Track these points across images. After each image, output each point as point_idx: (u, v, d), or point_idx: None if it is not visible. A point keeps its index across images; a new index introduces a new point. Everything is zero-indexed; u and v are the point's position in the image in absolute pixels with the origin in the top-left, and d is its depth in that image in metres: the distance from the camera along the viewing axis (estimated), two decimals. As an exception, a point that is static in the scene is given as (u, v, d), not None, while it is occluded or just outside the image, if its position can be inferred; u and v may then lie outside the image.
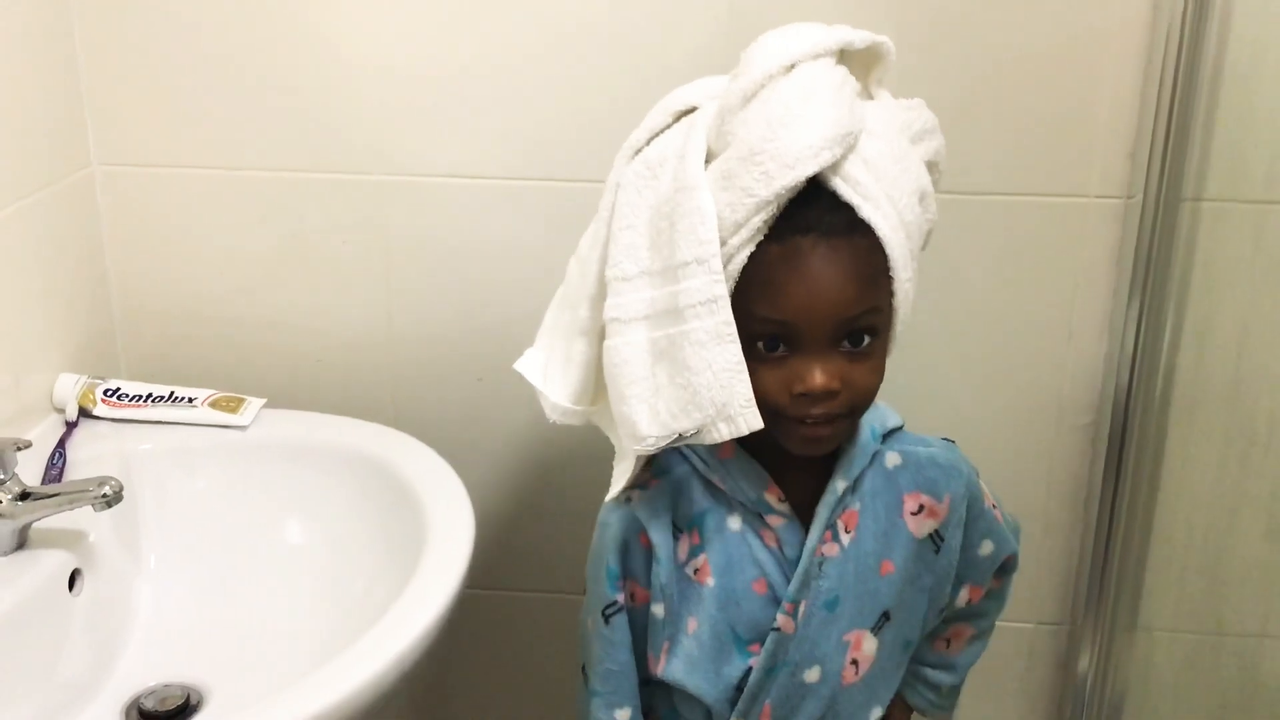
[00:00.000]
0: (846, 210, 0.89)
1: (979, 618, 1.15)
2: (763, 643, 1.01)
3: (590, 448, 1.41)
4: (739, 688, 1.01)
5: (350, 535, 1.21)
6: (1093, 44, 1.25)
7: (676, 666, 1.02)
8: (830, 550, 1.00)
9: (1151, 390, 1.34)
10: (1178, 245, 1.29)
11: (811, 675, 1.02)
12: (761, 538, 1.00)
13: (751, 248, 0.89)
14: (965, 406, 1.39)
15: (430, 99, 1.31)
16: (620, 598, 1.03)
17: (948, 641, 1.15)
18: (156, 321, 1.43)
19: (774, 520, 1.00)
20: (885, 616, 1.03)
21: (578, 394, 1.01)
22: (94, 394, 1.30)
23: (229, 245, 1.39)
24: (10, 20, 1.21)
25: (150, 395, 1.31)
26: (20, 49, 1.23)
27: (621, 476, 1.01)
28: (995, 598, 1.15)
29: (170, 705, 1.10)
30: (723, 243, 0.88)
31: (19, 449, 1.04)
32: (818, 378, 0.89)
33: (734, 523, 1.01)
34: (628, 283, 0.93)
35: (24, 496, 1.05)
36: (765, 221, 0.88)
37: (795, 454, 0.95)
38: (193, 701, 1.11)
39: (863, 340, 0.91)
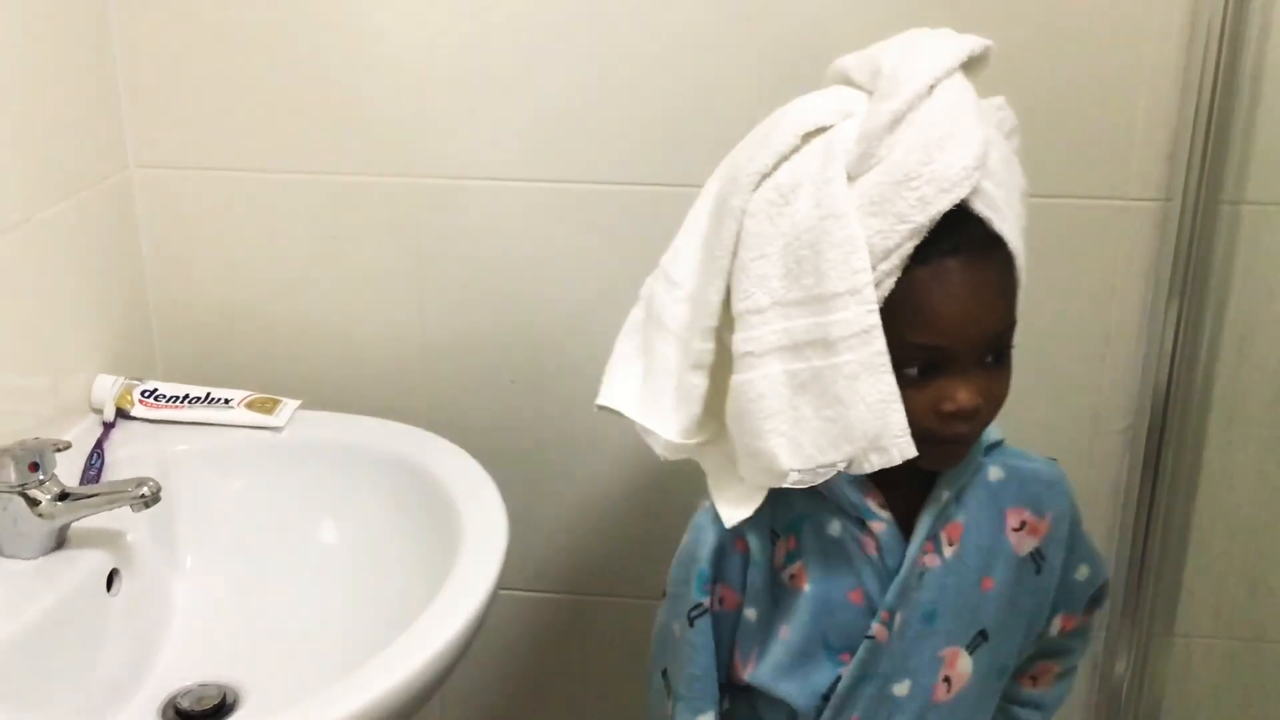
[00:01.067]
0: (981, 225, 0.88)
1: (1065, 654, 1.12)
2: (854, 652, 0.98)
3: (622, 452, 1.42)
4: (826, 696, 0.99)
5: (384, 536, 1.21)
6: (1130, 44, 1.24)
7: (765, 671, 1.00)
8: (931, 561, 0.98)
9: (1190, 394, 1.33)
10: (1217, 248, 1.28)
11: (901, 689, 0.99)
12: (861, 545, 0.98)
13: (899, 273, 0.87)
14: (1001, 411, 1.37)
15: (465, 102, 1.32)
16: (706, 601, 1.01)
17: (1034, 679, 1.12)
18: (193, 323, 1.44)
19: (876, 526, 0.97)
20: (982, 635, 1.00)
21: (690, 430, 0.99)
22: (132, 395, 1.31)
23: (265, 247, 1.40)
24: (50, 24, 1.22)
25: (187, 396, 1.31)
26: (60, 52, 1.25)
27: (741, 505, 0.98)
28: (1081, 635, 1.11)
29: (206, 705, 1.10)
30: (885, 258, 0.87)
31: (58, 450, 1.05)
32: (968, 397, 0.89)
33: (833, 529, 0.99)
34: (759, 315, 0.90)
35: (63, 497, 1.05)
36: (915, 246, 0.87)
37: (918, 467, 0.91)
38: (229, 701, 1.11)
39: (1003, 354, 0.92)
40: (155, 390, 1.32)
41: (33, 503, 1.04)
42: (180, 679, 1.13)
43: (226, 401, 1.31)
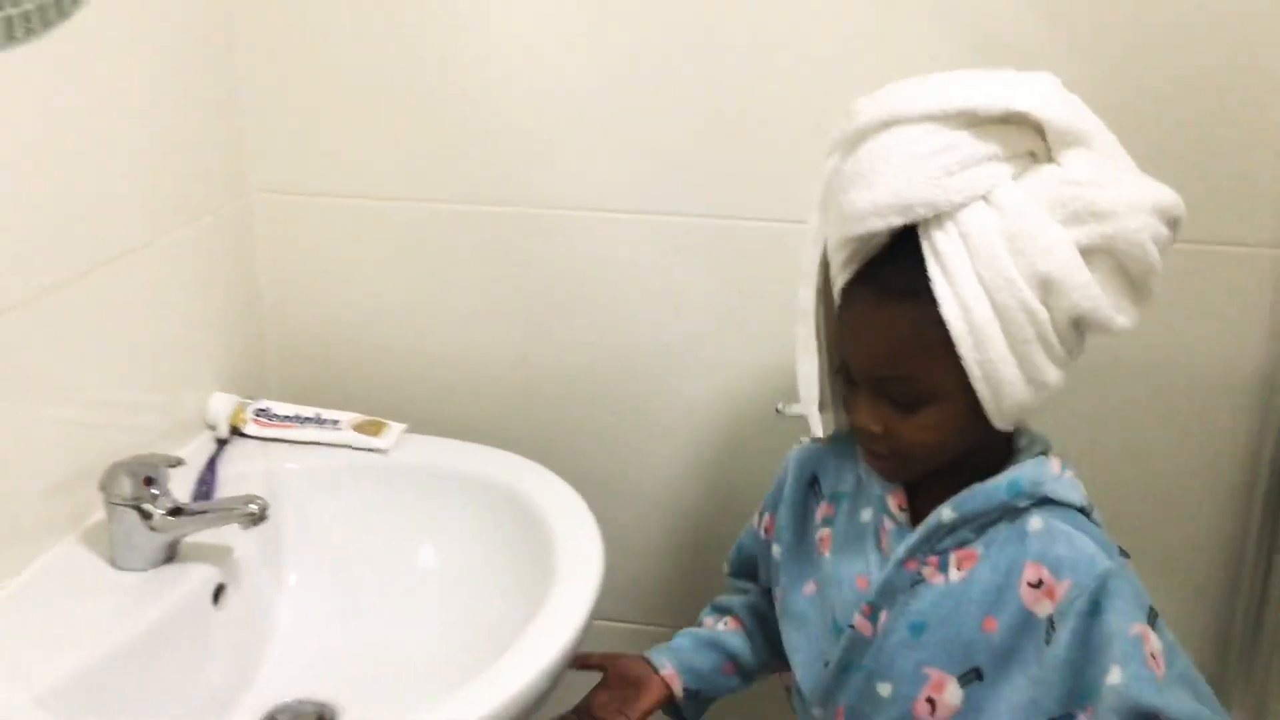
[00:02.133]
0: (920, 275, 0.92)
1: None
2: None
3: (724, 485, 1.42)
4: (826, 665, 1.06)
5: (482, 562, 1.23)
6: (1256, 89, 1.20)
7: (790, 618, 1.10)
8: (934, 578, 1.00)
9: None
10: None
11: (884, 689, 1.01)
12: (878, 537, 1.04)
13: (844, 279, 0.98)
14: (1115, 460, 1.34)
15: (576, 135, 1.33)
16: (757, 520, 1.18)
17: None
18: (306, 345, 1.48)
19: (888, 525, 1.03)
20: (977, 674, 0.99)
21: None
22: (245, 413, 1.34)
23: (377, 273, 1.43)
24: (177, 55, 1.27)
25: (297, 416, 1.35)
26: (186, 81, 1.29)
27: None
28: None
29: (305, 720, 1.13)
30: (831, 263, 0.99)
31: (171, 466, 1.09)
32: (861, 418, 0.99)
33: (866, 514, 1.06)
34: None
35: (175, 512, 1.09)
36: (848, 259, 0.97)
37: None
38: (326, 717, 1.13)
39: (908, 400, 0.96)
40: (267, 409, 1.35)
41: (146, 516, 1.08)
42: (279, 695, 1.15)
43: (335, 423, 1.34)
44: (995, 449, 1.01)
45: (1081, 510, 0.99)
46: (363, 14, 1.34)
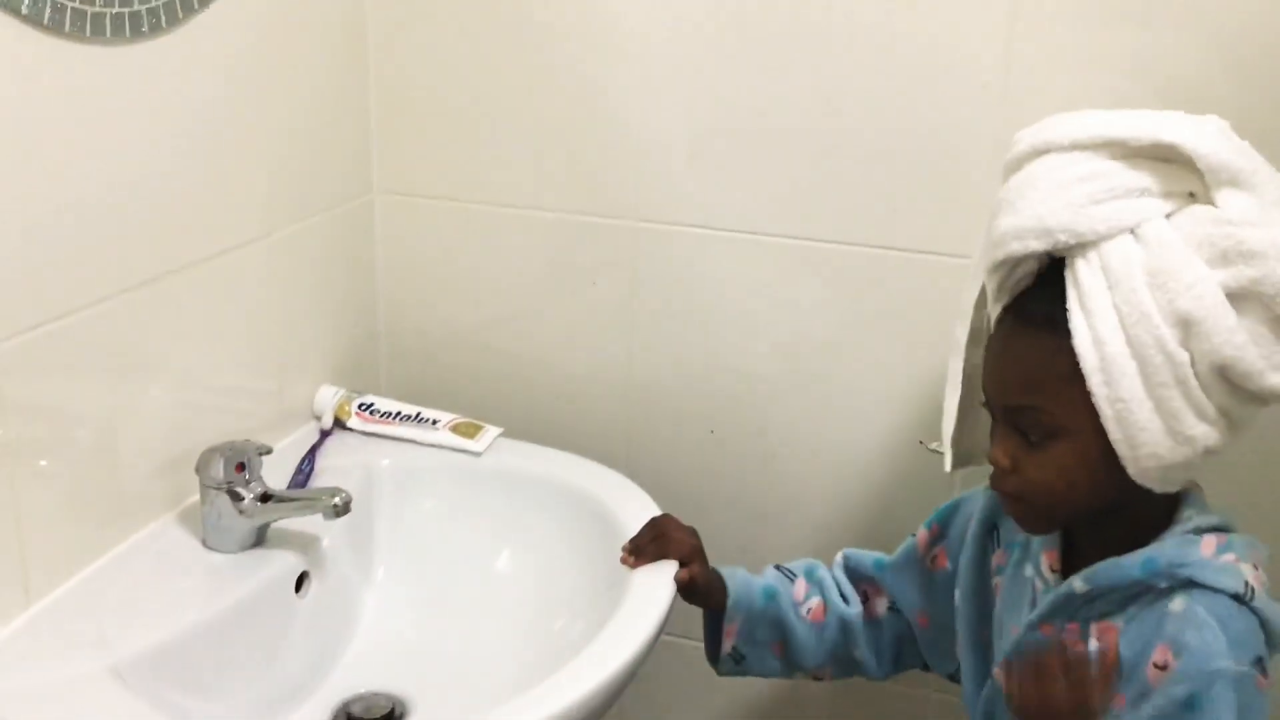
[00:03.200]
0: (1060, 305, 0.91)
1: None
2: None
3: (813, 516, 1.39)
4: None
5: (559, 570, 1.23)
6: None
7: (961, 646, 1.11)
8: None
9: None
10: None
11: None
12: (1033, 593, 1.02)
13: (996, 310, 0.98)
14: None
15: (689, 152, 1.32)
16: (925, 534, 1.16)
17: None
18: (417, 343, 1.50)
19: (1038, 584, 1.02)
20: None
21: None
22: (349, 406, 1.37)
23: (492, 278, 1.45)
24: (313, 53, 1.31)
25: (399, 413, 1.37)
26: (319, 80, 1.33)
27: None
28: None
29: (376, 713, 1.14)
30: (987, 295, 1.00)
31: (262, 454, 1.12)
32: (996, 453, 0.97)
33: (1028, 569, 1.04)
34: None
35: (265, 498, 1.12)
36: (998, 289, 0.97)
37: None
38: (397, 713, 1.15)
39: (1038, 434, 0.94)
40: (371, 405, 1.38)
41: (236, 499, 1.11)
42: (355, 685, 1.17)
43: (434, 422, 1.36)
44: (1154, 516, 0.96)
45: (1236, 598, 0.91)
46: (494, 23, 1.36)
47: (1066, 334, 0.90)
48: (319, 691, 1.15)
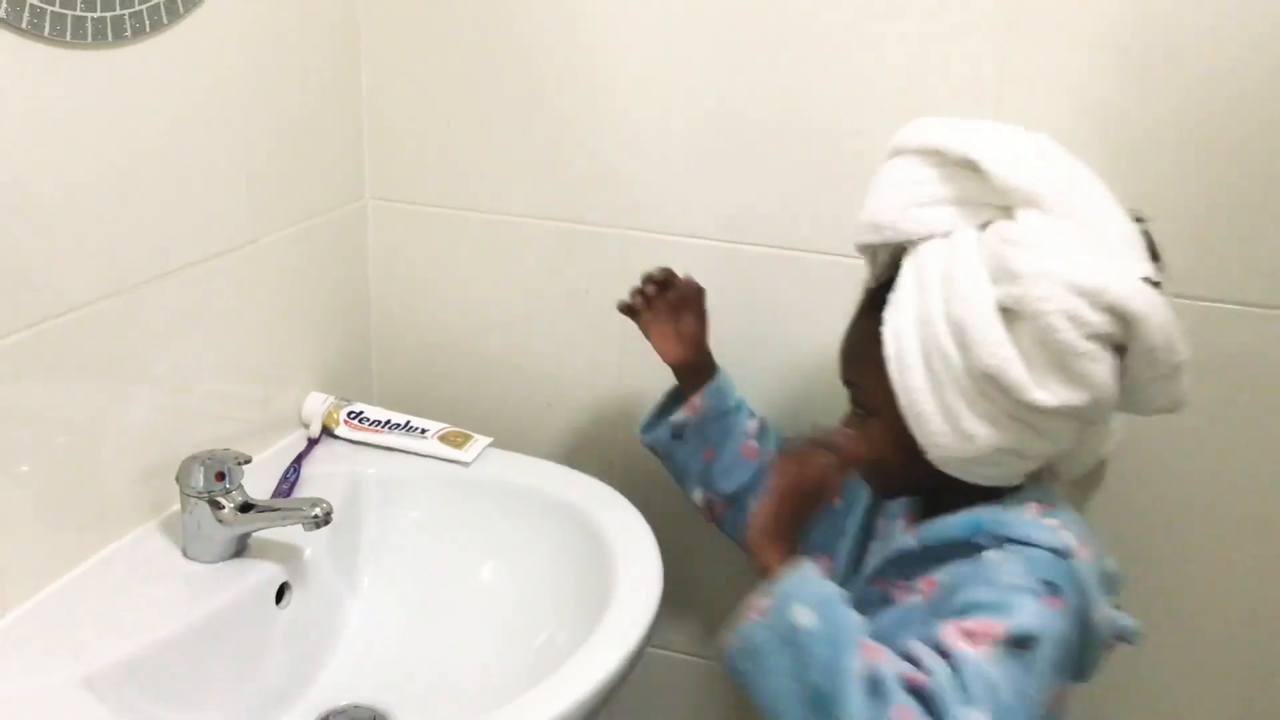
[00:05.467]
0: (885, 289, 1.00)
1: None
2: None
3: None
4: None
5: (543, 582, 1.22)
6: None
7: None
8: (901, 599, 1.03)
9: None
10: None
11: None
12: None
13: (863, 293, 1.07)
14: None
15: (681, 161, 1.31)
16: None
17: None
18: (408, 351, 1.49)
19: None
20: None
21: None
22: (338, 415, 1.36)
23: (484, 286, 1.44)
24: (304, 57, 1.30)
25: (389, 422, 1.36)
26: (311, 84, 1.32)
27: None
28: None
29: (356, 726, 1.13)
30: None
31: (240, 463, 1.10)
32: (840, 423, 1.07)
33: (895, 530, 1.11)
34: None
35: (246, 508, 1.11)
36: (868, 273, 1.06)
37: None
38: (378, 725, 1.14)
39: (860, 407, 1.05)
40: (360, 413, 1.37)
41: (216, 508, 1.10)
42: (336, 697, 1.16)
43: (423, 431, 1.35)
44: (999, 491, 1.02)
45: (1054, 552, 0.96)
46: (487, 30, 1.34)
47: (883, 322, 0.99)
48: (300, 703, 1.14)
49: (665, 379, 1.35)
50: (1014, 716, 0.90)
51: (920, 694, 0.89)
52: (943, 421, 0.96)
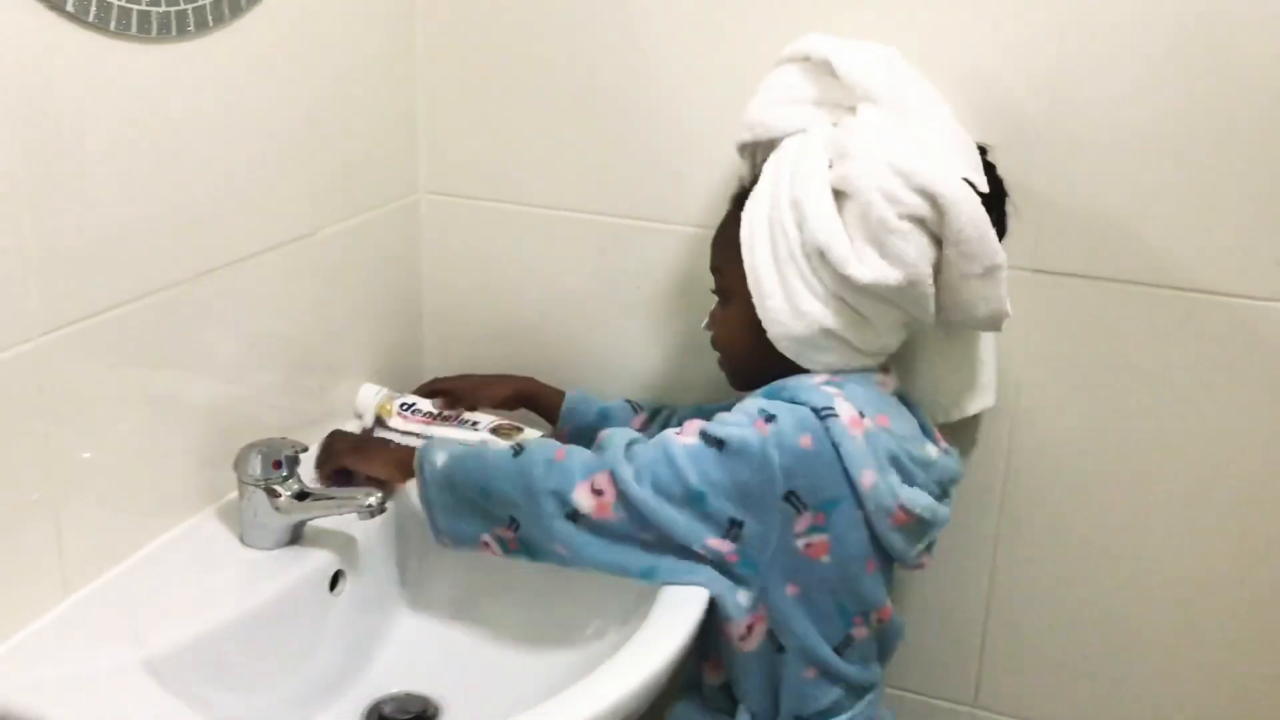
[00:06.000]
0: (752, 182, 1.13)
1: None
2: None
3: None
4: None
5: (593, 576, 1.20)
6: None
7: None
8: None
9: None
10: None
11: None
12: None
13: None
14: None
15: (735, 159, 1.31)
16: None
17: None
18: (461, 344, 1.50)
19: None
20: None
21: None
22: (391, 406, 1.37)
23: (537, 280, 1.45)
24: (363, 50, 1.32)
25: (440, 414, 1.37)
26: (367, 79, 1.34)
27: None
28: None
29: (408, 714, 1.14)
30: None
31: (298, 452, 1.11)
32: (712, 309, 1.19)
33: None
34: None
35: (301, 496, 1.12)
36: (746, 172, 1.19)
37: None
38: (429, 714, 1.15)
39: (720, 294, 1.17)
40: (413, 405, 1.38)
41: (273, 496, 1.11)
42: (388, 685, 1.17)
43: (475, 424, 1.35)
44: None
45: (812, 409, 1.06)
46: (545, 27, 1.35)
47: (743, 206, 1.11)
48: (351, 690, 1.15)
49: (720, 375, 1.36)
50: (672, 480, 1.04)
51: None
52: (783, 298, 1.07)
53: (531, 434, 1.34)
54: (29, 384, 0.95)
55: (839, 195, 1.05)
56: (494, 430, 1.35)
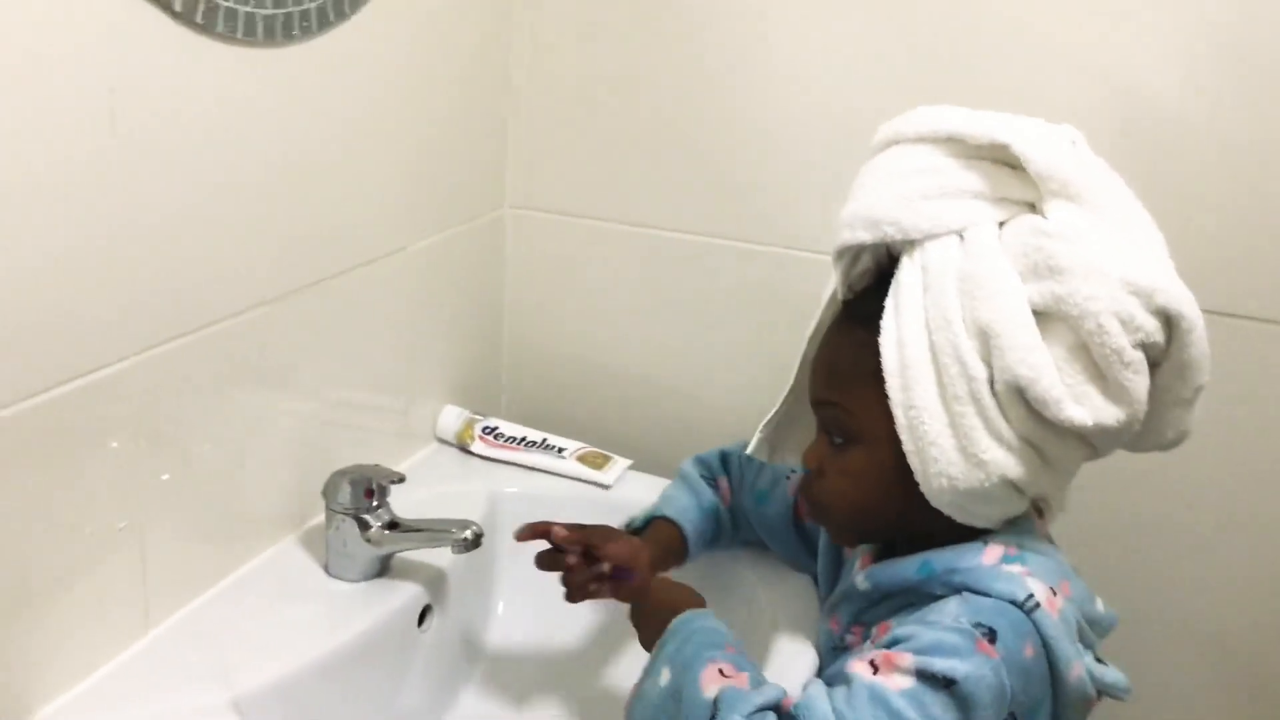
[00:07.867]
0: (881, 302, 0.87)
1: None
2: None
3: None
4: None
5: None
6: None
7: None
8: (855, 645, 0.92)
9: None
10: None
11: None
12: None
13: (838, 305, 0.93)
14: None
15: (839, 179, 1.25)
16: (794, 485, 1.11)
17: None
18: (541, 365, 1.45)
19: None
20: None
21: None
22: (473, 430, 1.32)
23: (622, 299, 1.39)
24: (459, 60, 1.27)
25: (525, 439, 1.32)
26: (464, 88, 1.29)
27: None
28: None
29: (492, 756, 1.09)
30: None
31: (393, 482, 1.06)
32: (807, 454, 0.94)
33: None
34: None
35: (392, 526, 1.07)
36: (840, 282, 0.92)
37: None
38: (513, 756, 1.09)
39: (841, 435, 0.90)
40: (496, 429, 1.33)
41: (364, 527, 1.06)
42: (474, 720, 1.12)
43: (560, 450, 1.30)
44: (962, 538, 0.89)
45: (1015, 604, 0.84)
46: (637, 43, 1.30)
47: (879, 331, 0.86)
48: (437, 729, 1.10)
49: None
50: None
51: (779, 712, 0.81)
52: (953, 445, 0.83)
53: (621, 462, 1.29)
54: (123, 407, 0.90)
55: (1041, 318, 0.82)
56: (579, 458, 1.29)
